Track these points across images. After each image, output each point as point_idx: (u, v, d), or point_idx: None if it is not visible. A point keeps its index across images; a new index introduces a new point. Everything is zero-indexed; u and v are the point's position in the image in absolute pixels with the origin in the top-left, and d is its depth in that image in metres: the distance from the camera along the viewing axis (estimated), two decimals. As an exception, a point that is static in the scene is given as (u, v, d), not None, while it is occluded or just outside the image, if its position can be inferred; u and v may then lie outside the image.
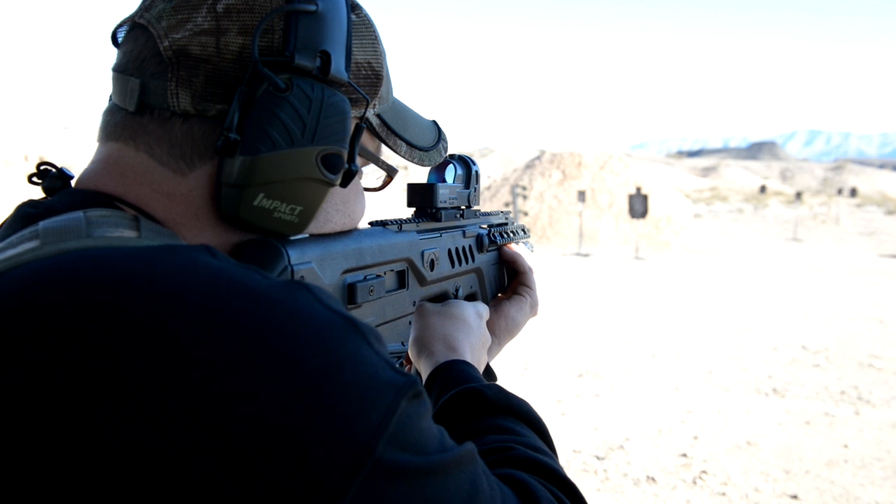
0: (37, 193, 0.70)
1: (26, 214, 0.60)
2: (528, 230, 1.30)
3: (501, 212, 1.24)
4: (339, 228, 0.75)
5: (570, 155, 21.81)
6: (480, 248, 1.12)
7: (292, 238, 0.68)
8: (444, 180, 1.07)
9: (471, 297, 1.12)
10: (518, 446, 0.74)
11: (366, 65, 0.72)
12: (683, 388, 6.49)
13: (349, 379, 0.47)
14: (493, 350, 1.10)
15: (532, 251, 1.29)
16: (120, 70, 0.65)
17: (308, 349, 0.47)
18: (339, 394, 0.46)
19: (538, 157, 23.20)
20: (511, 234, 1.23)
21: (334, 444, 0.44)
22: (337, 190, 0.71)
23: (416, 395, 0.51)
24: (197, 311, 0.46)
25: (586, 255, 16.64)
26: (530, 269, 1.22)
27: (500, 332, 1.12)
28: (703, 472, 4.67)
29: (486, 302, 1.15)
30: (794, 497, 4.35)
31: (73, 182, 0.68)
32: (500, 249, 1.20)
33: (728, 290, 12.14)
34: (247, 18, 0.62)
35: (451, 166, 1.08)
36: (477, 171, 1.09)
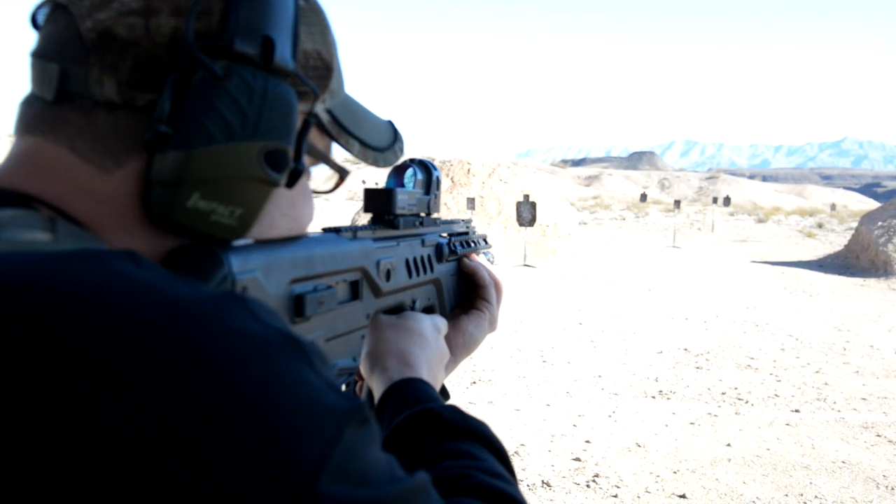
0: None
1: None
2: (489, 240, 1.24)
3: (462, 220, 1.19)
4: (284, 234, 0.68)
5: (459, 162, 21.97)
6: (440, 258, 1.07)
7: (234, 244, 0.61)
8: (402, 185, 1.01)
9: (428, 310, 1.06)
10: (476, 473, 0.69)
11: (315, 55, 0.65)
12: (574, 392, 6.62)
13: (288, 404, 0.42)
14: (448, 367, 1.03)
15: (492, 262, 1.24)
16: (39, 55, 0.58)
17: (241, 371, 0.42)
18: (277, 422, 0.41)
19: (428, 165, 23.26)
20: (472, 244, 1.17)
21: (272, 479, 0.39)
22: (283, 192, 0.64)
23: (363, 421, 0.46)
24: (110, 329, 0.40)
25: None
26: (491, 283, 1.16)
27: (456, 348, 1.06)
28: (596, 475, 4.76)
29: (444, 315, 1.09)
30: (683, 496, 4.49)
31: None
32: (459, 260, 1.15)
33: (613, 295, 12.49)
34: None
35: (410, 171, 1.02)
36: (438, 177, 1.03)
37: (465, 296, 1.17)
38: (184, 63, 0.55)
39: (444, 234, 1.11)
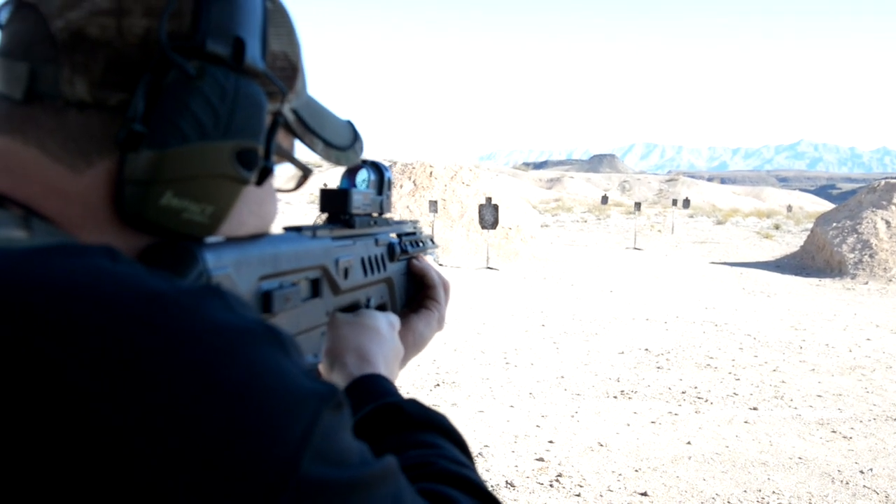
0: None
1: None
2: (435, 241, 1.26)
3: (410, 221, 1.20)
4: (252, 231, 0.69)
5: (421, 165, 21.97)
6: (392, 257, 1.08)
7: (207, 241, 0.62)
8: (355, 186, 1.03)
9: (381, 308, 1.07)
10: (439, 460, 0.71)
11: (282, 55, 0.67)
12: (537, 393, 6.67)
13: (269, 390, 0.44)
14: (400, 364, 1.05)
15: (437, 261, 1.26)
16: (5, 54, 0.58)
17: (222, 360, 0.43)
18: (260, 405, 0.43)
19: (389, 167, 23.23)
20: (420, 244, 1.19)
21: (257, 460, 0.41)
22: (251, 190, 0.66)
23: (338, 405, 0.48)
24: (94, 323, 0.42)
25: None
26: (440, 283, 1.18)
27: (407, 346, 1.08)
28: (559, 475, 4.81)
29: (395, 313, 1.10)
30: (644, 494, 4.54)
31: None
32: (409, 260, 1.16)
33: (575, 297, 12.59)
34: None
35: (363, 171, 1.03)
36: (389, 178, 1.05)
37: (414, 295, 1.19)
38: (157, 63, 0.55)
39: (395, 234, 1.13)
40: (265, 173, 0.64)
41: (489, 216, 17.14)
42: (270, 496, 0.41)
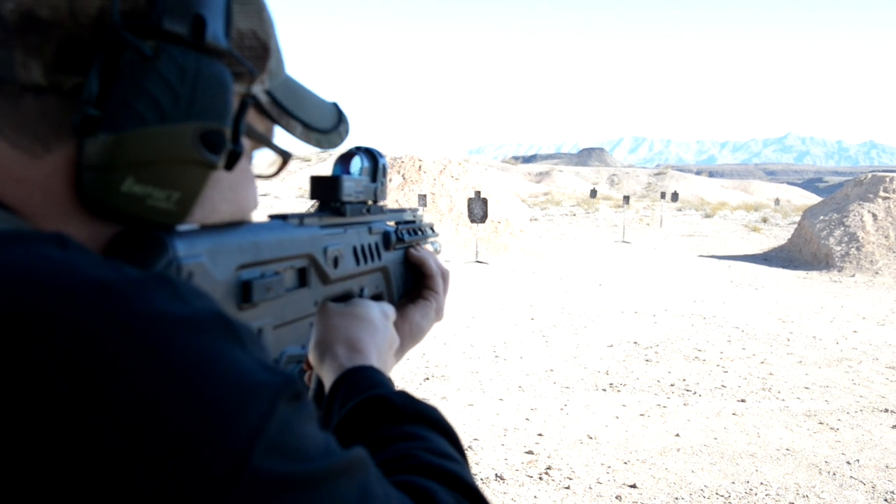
0: None
1: None
2: (436, 229, 1.21)
3: (410, 209, 1.17)
4: (227, 219, 0.66)
5: (410, 159, 21.92)
6: (387, 245, 1.06)
7: (180, 229, 0.59)
8: (349, 173, 1.00)
9: (376, 298, 1.05)
10: (422, 452, 0.70)
11: (250, 34, 0.63)
12: (527, 387, 6.68)
13: (217, 381, 0.43)
14: (396, 355, 1.02)
15: (438, 251, 1.23)
16: None
17: (170, 350, 0.42)
18: (207, 398, 0.42)
19: (379, 160, 23.10)
20: (419, 232, 1.16)
21: (205, 455, 0.40)
22: (223, 175, 0.63)
23: (296, 396, 0.47)
24: (39, 308, 0.41)
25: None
26: (438, 273, 1.14)
27: (403, 337, 1.06)
28: (549, 467, 4.82)
29: (391, 303, 1.08)
30: (633, 486, 4.56)
31: None
32: (407, 249, 1.13)
33: (564, 290, 12.61)
34: None
35: (356, 158, 1.00)
36: (384, 165, 1.02)
37: (412, 284, 1.16)
38: (110, 44, 0.53)
39: (392, 223, 1.10)
40: (234, 157, 0.61)
41: (478, 210, 17.14)
42: (221, 491, 0.40)
